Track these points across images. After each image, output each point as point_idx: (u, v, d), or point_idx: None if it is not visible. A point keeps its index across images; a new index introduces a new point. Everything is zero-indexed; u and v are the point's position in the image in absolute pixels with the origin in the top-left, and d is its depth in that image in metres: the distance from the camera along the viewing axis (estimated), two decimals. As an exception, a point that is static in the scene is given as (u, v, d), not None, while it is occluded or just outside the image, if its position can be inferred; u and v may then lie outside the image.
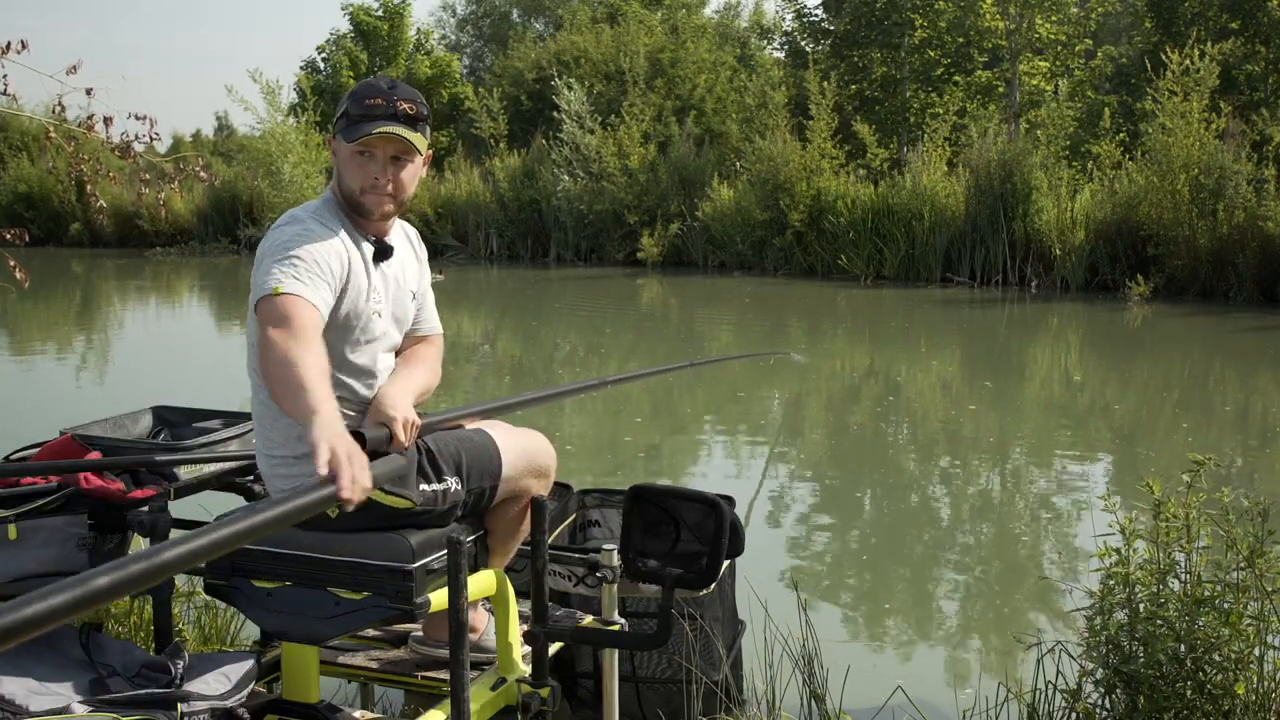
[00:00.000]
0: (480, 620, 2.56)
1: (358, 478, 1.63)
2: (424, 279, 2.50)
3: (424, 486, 2.26)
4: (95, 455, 2.58)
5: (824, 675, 2.85)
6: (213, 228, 22.95)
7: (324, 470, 1.61)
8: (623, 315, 13.90)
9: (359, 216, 2.29)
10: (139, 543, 2.64)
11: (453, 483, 2.30)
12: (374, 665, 2.57)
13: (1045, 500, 5.88)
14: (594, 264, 19.53)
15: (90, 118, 4.71)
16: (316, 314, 2.07)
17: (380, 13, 29.14)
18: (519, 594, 2.52)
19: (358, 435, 1.97)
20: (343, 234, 2.24)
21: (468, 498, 2.34)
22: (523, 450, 2.43)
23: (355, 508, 1.66)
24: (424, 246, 2.55)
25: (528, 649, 2.45)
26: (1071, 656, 2.67)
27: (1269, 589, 2.44)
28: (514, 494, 2.42)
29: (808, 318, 13.73)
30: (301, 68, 29.76)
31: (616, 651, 2.59)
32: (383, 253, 2.31)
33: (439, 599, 2.21)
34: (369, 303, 2.27)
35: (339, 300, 2.19)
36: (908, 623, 4.16)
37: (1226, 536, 2.49)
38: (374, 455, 1.91)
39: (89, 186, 5.47)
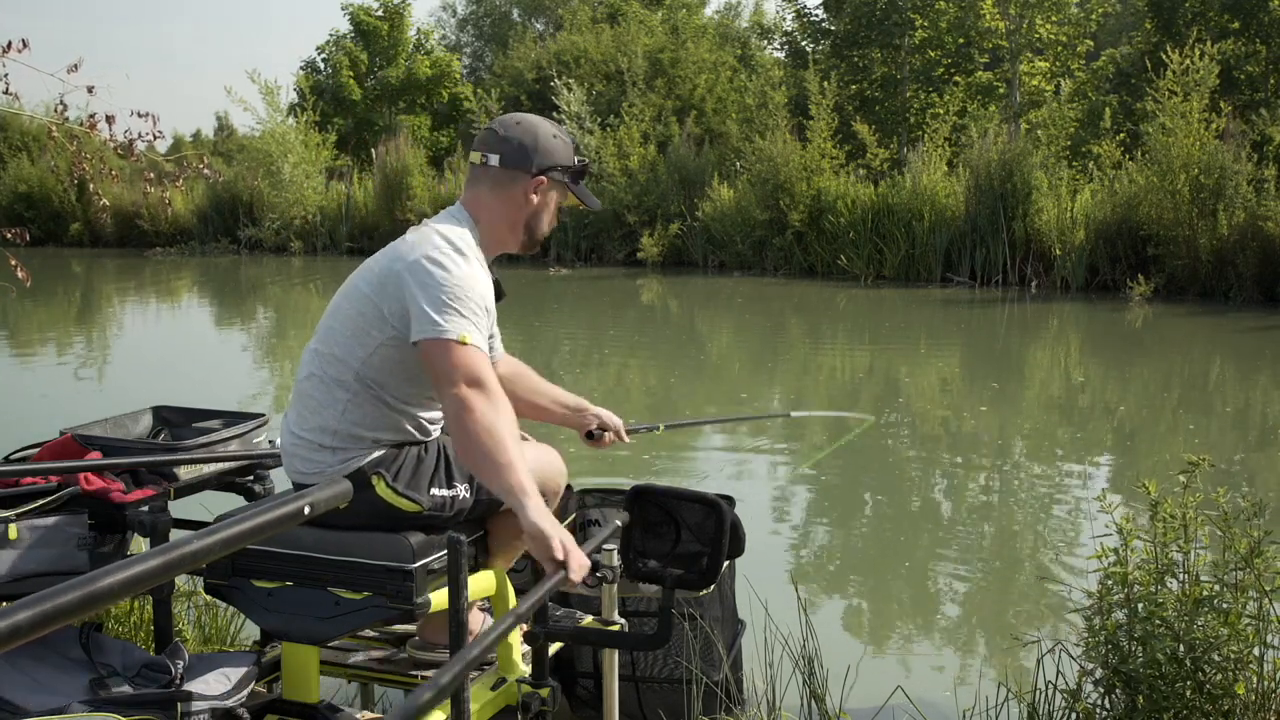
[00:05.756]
0: (475, 621, 2.56)
1: (583, 563, 1.96)
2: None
3: (434, 491, 2.27)
4: (95, 455, 2.58)
5: (824, 675, 2.85)
6: (213, 228, 22.93)
7: (560, 556, 1.93)
8: (623, 315, 13.90)
9: (517, 249, 2.45)
10: (139, 543, 2.64)
11: (463, 490, 2.31)
12: (374, 665, 2.57)
13: (1046, 500, 5.88)
14: (594, 264, 19.52)
15: (92, 116, 4.71)
16: (491, 366, 2.18)
17: (380, 13, 29.14)
18: (519, 594, 2.52)
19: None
20: (489, 270, 2.34)
21: (475, 508, 2.36)
22: (536, 470, 2.43)
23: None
24: None
25: (528, 649, 2.45)
26: (1071, 656, 2.67)
27: (1267, 589, 2.44)
28: None
29: (808, 318, 13.73)
30: (301, 68, 29.77)
31: (616, 651, 2.58)
32: (497, 282, 2.40)
33: (439, 599, 2.21)
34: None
35: None
36: (908, 623, 4.16)
37: (1225, 536, 2.49)
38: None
39: (91, 186, 5.45)
